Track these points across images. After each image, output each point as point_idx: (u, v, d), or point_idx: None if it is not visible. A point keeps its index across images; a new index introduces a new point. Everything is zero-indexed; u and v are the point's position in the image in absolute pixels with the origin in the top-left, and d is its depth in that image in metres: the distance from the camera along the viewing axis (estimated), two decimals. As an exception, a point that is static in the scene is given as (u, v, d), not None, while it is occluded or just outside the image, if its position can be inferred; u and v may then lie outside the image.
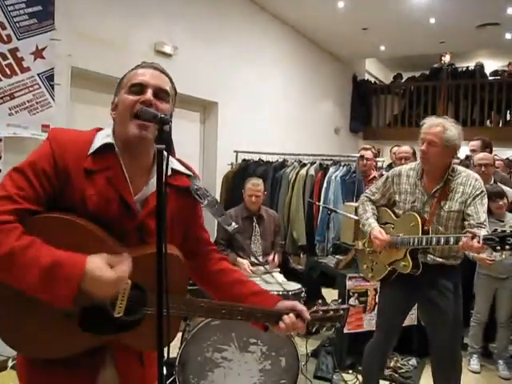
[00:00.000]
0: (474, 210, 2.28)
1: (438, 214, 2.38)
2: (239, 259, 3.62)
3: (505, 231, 1.96)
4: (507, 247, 1.95)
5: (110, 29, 3.91)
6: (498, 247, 1.97)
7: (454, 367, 2.50)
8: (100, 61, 3.79)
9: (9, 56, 3.01)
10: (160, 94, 1.25)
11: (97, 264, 1.09)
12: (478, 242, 1.99)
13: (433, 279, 2.42)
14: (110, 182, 1.21)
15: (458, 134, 2.33)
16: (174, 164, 1.33)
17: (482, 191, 2.34)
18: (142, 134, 1.20)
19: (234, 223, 1.31)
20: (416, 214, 2.40)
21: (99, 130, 1.29)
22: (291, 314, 1.34)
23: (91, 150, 1.21)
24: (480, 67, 9.10)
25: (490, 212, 3.22)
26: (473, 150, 4.09)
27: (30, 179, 1.15)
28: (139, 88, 1.23)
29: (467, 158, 5.87)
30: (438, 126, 2.31)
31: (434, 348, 2.51)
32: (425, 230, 2.34)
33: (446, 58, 9.34)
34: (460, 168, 2.46)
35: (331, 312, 1.40)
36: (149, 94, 1.22)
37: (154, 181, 1.25)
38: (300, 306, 1.38)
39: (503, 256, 2.06)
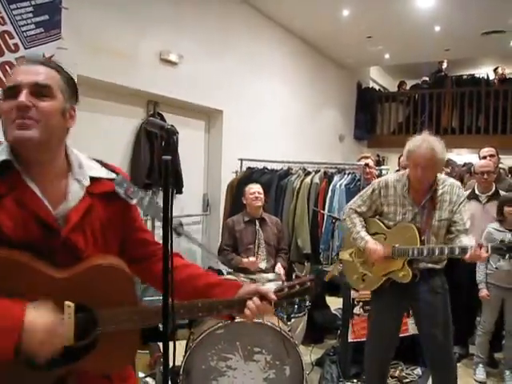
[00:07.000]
0: (460, 216, 2.43)
1: (430, 224, 2.45)
2: (244, 259, 3.61)
3: (511, 242, 2.20)
4: None
5: (115, 38, 3.94)
6: (507, 256, 2.19)
7: (448, 366, 2.52)
8: (106, 69, 3.82)
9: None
10: (40, 90, 1.09)
11: (36, 323, 1.01)
12: (487, 252, 2.15)
13: (424, 282, 2.47)
14: (20, 204, 1.08)
15: (443, 147, 2.41)
16: (92, 171, 1.21)
17: (465, 198, 2.50)
18: (23, 134, 1.06)
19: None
20: (413, 225, 2.44)
21: None
22: (255, 298, 1.26)
23: None
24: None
25: (502, 220, 3.28)
26: (484, 157, 4.04)
27: None
28: (13, 91, 1.08)
29: (464, 165, 5.86)
30: (427, 149, 2.35)
31: (428, 349, 2.54)
32: (421, 240, 2.40)
33: (444, 65, 9.41)
34: (442, 176, 2.56)
35: (297, 286, 1.30)
36: (22, 97, 1.07)
37: (73, 193, 1.15)
38: (263, 288, 1.30)
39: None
